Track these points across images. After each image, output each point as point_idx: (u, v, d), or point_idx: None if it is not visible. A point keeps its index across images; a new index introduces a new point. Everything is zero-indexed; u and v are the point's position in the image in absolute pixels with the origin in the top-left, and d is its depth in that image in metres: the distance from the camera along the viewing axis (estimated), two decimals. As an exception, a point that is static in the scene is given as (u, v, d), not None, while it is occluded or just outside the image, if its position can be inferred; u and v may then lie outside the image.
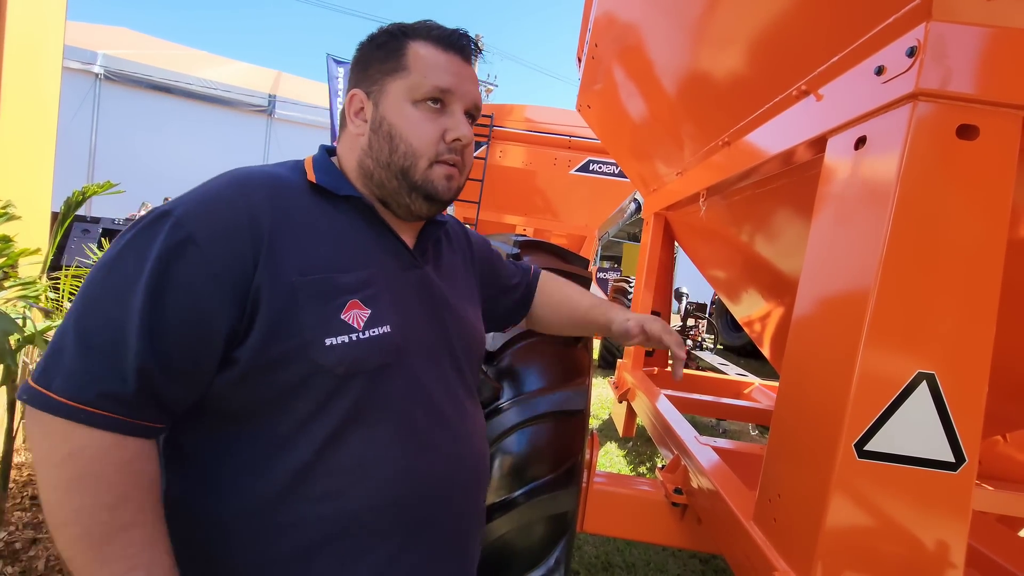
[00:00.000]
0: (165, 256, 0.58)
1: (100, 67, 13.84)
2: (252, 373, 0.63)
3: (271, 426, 0.65)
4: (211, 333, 0.61)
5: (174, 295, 0.59)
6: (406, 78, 0.72)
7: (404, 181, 0.73)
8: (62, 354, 0.57)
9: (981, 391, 0.79)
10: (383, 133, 0.73)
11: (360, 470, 0.67)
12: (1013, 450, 1.91)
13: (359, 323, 0.67)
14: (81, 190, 2.35)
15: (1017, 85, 0.75)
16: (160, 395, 0.60)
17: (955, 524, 0.81)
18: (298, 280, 0.64)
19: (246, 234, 0.62)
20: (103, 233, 6.59)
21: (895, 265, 0.79)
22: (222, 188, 0.65)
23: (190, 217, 0.61)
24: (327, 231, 0.70)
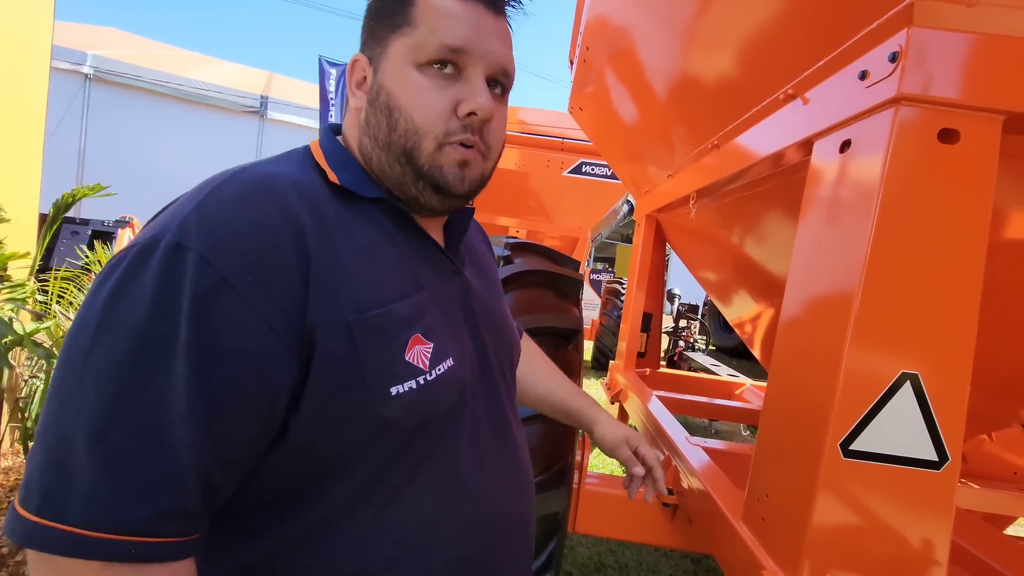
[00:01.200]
0: (200, 309, 0.43)
1: (89, 68, 13.73)
2: (307, 440, 0.50)
3: (325, 496, 0.53)
4: (273, 400, 0.48)
5: (224, 362, 0.44)
6: (410, 35, 0.57)
7: (409, 167, 0.58)
8: (69, 468, 0.40)
9: (963, 391, 0.81)
10: (380, 105, 0.58)
11: (425, 527, 0.57)
12: (998, 449, 1.94)
13: (424, 362, 0.55)
14: (71, 192, 2.33)
15: (996, 90, 0.77)
16: (212, 494, 0.47)
17: (939, 522, 0.82)
18: (355, 318, 0.50)
19: (290, 253, 0.48)
20: (93, 235, 6.53)
21: (879, 267, 0.80)
22: (242, 198, 0.49)
23: (216, 248, 0.45)
24: (366, 246, 0.56)
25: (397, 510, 0.55)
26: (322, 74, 11.08)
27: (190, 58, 16.56)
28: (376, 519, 0.54)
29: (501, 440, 0.68)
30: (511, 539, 0.68)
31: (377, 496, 0.54)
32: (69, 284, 2.73)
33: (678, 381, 3.13)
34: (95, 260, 2.96)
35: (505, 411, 0.70)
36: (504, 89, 0.63)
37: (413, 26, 0.57)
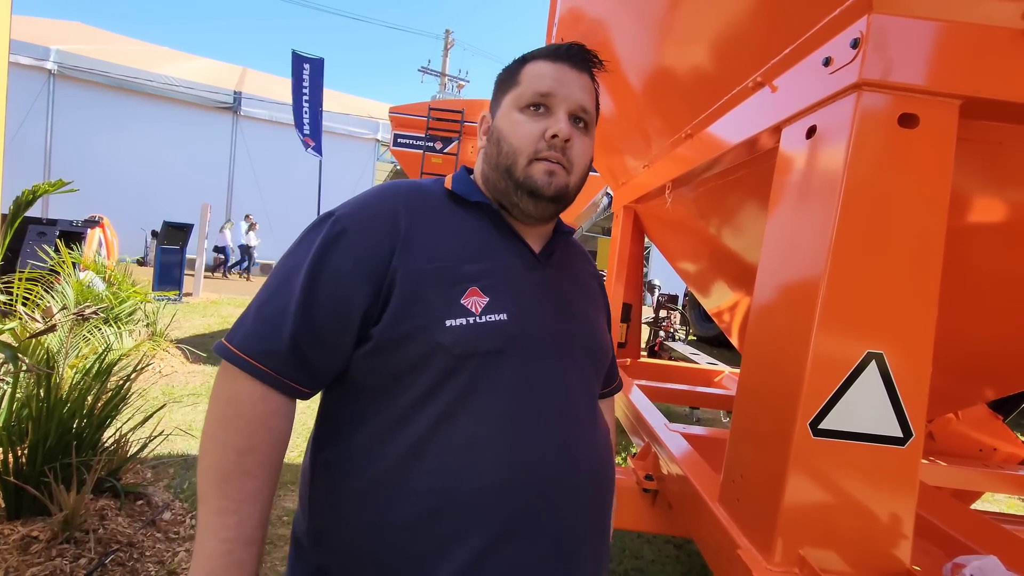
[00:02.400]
0: (324, 246, 0.72)
1: (53, 63, 13.30)
2: (382, 348, 0.71)
3: (395, 399, 0.72)
4: (352, 309, 0.71)
5: (325, 277, 0.71)
6: (516, 91, 0.80)
7: (510, 180, 0.79)
8: (245, 318, 0.72)
9: (926, 368, 0.83)
10: (494, 139, 0.82)
11: (467, 450, 0.70)
12: (965, 427, 2.01)
13: (477, 308, 0.72)
14: (31, 189, 2.25)
15: (953, 75, 0.79)
16: (306, 359, 0.70)
17: (904, 497, 0.85)
18: (426, 267, 0.72)
19: (386, 227, 0.73)
20: (61, 235, 6.34)
21: (844, 250, 0.82)
22: (374, 193, 0.79)
23: (347, 215, 0.74)
24: (457, 230, 0.78)
25: (447, 429, 0.70)
26: (296, 69, 10.89)
27: (160, 53, 16.15)
28: (429, 433, 0.70)
29: (557, 410, 0.76)
30: (556, 502, 0.73)
31: (432, 412, 0.70)
32: (35, 285, 2.65)
33: (659, 370, 3.17)
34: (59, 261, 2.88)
35: (569, 385, 0.79)
36: (586, 124, 0.82)
37: (518, 85, 0.80)
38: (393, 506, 0.70)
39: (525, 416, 0.73)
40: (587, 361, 0.84)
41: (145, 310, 5.21)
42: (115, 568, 1.90)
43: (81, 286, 3.38)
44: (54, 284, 2.99)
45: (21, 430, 2.09)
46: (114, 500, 2.23)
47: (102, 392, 2.30)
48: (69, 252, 3.28)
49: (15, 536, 1.89)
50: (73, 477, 1.96)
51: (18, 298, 2.47)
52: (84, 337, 3.18)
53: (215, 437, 0.68)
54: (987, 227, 1.08)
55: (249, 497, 0.68)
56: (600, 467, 0.81)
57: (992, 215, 1.06)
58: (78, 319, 2.53)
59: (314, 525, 0.76)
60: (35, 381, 2.11)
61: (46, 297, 2.80)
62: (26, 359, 2.18)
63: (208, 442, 0.69)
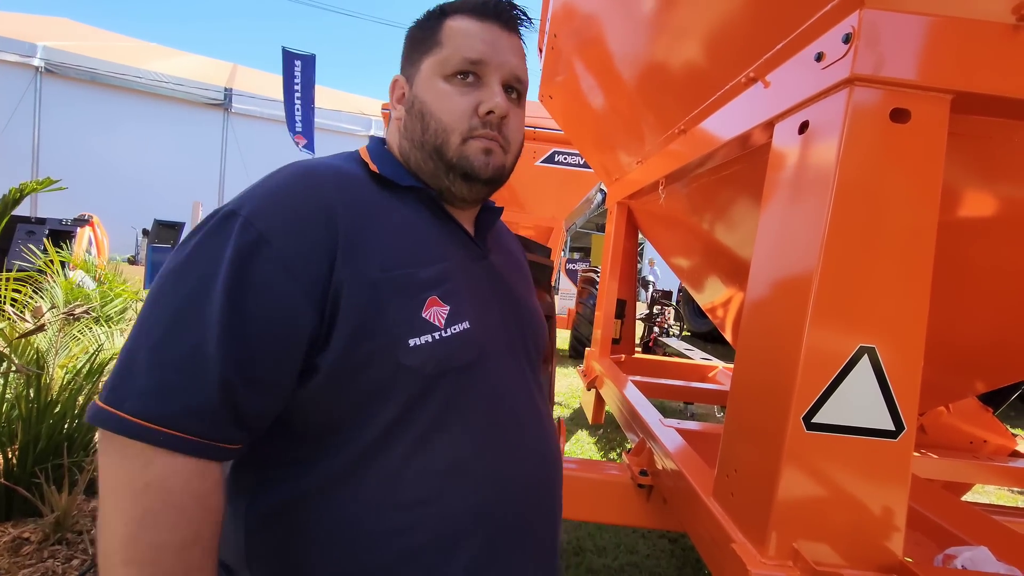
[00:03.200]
0: (239, 257, 0.55)
1: (40, 60, 13.12)
2: (335, 379, 0.59)
3: (357, 432, 0.61)
4: (294, 335, 0.57)
5: (253, 298, 0.55)
6: (438, 54, 0.69)
7: (440, 161, 0.70)
8: (133, 371, 0.53)
9: (918, 362, 0.84)
10: (415, 112, 0.71)
11: (450, 474, 0.64)
12: (956, 420, 2.03)
13: (440, 320, 0.63)
14: (19, 188, 2.23)
15: (944, 69, 0.79)
16: (241, 410, 0.56)
17: (897, 489, 0.85)
18: (380, 276, 0.61)
19: (321, 228, 0.59)
20: (49, 234, 6.28)
21: (836, 244, 0.82)
22: (287, 182, 0.62)
23: (259, 214, 0.58)
24: (399, 224, 0.67)
25: (424, 456, 0.63)
26: (287, 66, 10.82)
27: (149, 49, 15.98)
28: (404, 463, 0.62)
29: (527, 409, 0.74)
30: (535, 499, 0.72)
31: (405, 441, 0.62)
32: (24, 286, 2.63)
33: (653, 366, 3.18)
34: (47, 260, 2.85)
35: (528, 384, 0.76)
36: (519, 94, 0.74)
37: (440, 46, 0.69)
38: (370, 550, 0.61)
39: (502, 426, 0.69)
40: (535, 354, 0.82)
41: (136, 309, 5.18)
42: (108, 569, 1.89)
43: (71, 285, 3.35)
44: (43, 283, 2.96)
45: (11, 431, 2.07)
46: (107, 501, 2.21)
47: (94, 392, 2.28)
48: (58, 251, 3.24)
49: (6, 538, 1.88)
50: (65, 478, 1.94)
51: (6, 298, 2.44)
52: (74, 336, 3.15)
53: (138, 540, 0.51)
54: (978, 221, 1.08)
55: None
56: (557, 459, 0.80)
57: (983, 209, 1.07)
58: (68, 318, 2.51)
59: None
60: (25, 382, 2.09)
61: (35, 297, 2.76)
62: (15, 359, 2.16)
63: (130, 549, 0.51)
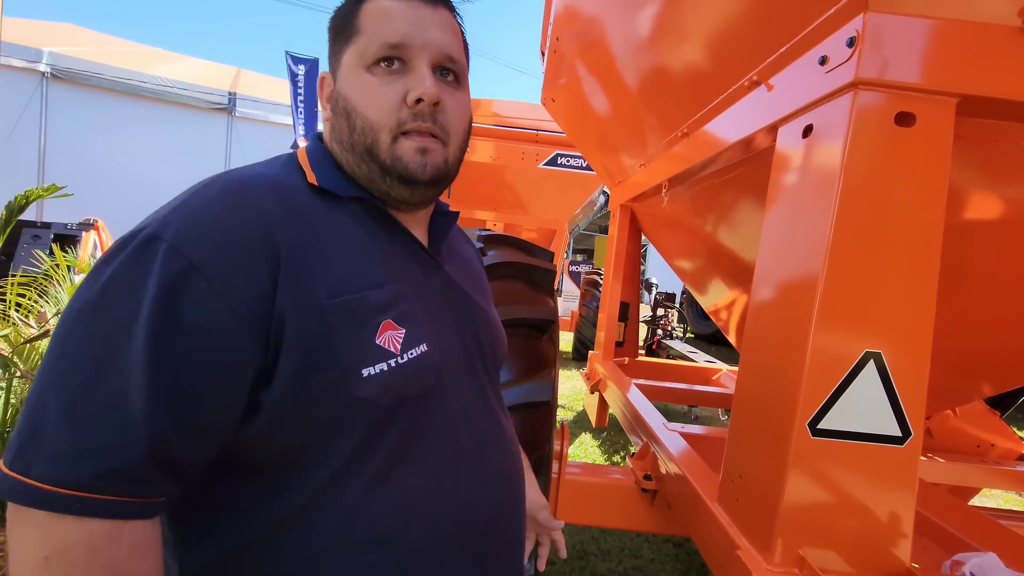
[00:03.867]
0: (165, 292, 0.48)
1: (46, 65, 13.21)
2: (281, 417, 0.54)
3: (311, 473, 0.56)
4: (235, 375, 0.51)
5: (185, 338, 0.48)
6: (358, 42, 0.62)
7: (373, 163, 0.62)
8: (41, 430, 0.46)
9: (924, 367, 0.83)
10: (340, 111, 0.63)
11: (414, 506, 0.60)
12: (962, 424, 2.01)
13: (396, 346, 0.58)
14: (24, 194, 2.24)
15: (949, 73, 0.79)
16: (175, 462, 0.49)
17: (903, 495, 0.85)
18: (327, 303, 0.54)
19: (259, 252, 0.52)
20: (55, 239, 6.31)
21: (841, 249, 0.82)
22: (218, 199, 0.54)
23: (187, 240, 0.50)
24: (345, 240, 0.60)
25: (385, 490, 0.58)
26: (291, 70, 10.89)
27: (153, 54, 16.07)
28: (363, 499, 0.57)
29: (488, 426, 0.71)
30: (502, 520, 0.70)
31: (363, 476, 0.57)
32: (28, 290, 2.64)
33: (656, 369, 3.17)
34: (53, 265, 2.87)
35: (489, 400, 0.73)
36: (456, 76, 0.65)
37: (359, 34, 0.62)
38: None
39: (465, 449, 0.65)
40: (494, 367, 0.78)
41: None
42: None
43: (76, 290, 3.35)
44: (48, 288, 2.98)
45: (16, 436, 2.07)
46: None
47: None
48: (64, 255, 3.26)
49: (11, 542, 1.88)
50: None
51: (11, 303, 2.45)
52: (79, 341, 3.14)
53: None
54: (984, 225, 1.08)
55: None
56: (521, 473, 0.77)
57: (989, 213, 1.06)
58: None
59: None
60: (29, 387, 2.10)
61: (40, 301, 2.78)
62: (20, 365, 2.16)
63: None
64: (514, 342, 1.33)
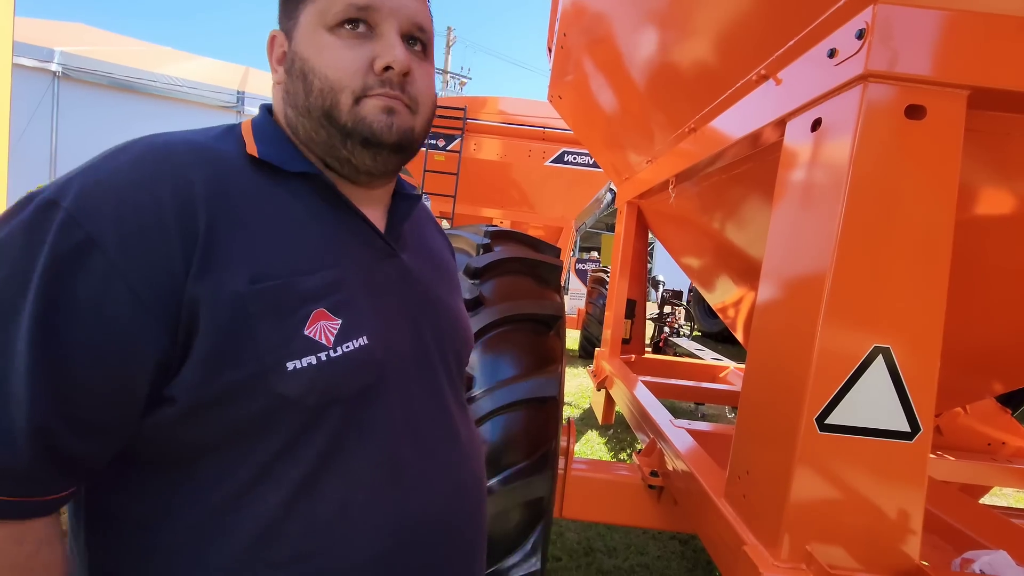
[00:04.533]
0: (58, 266, 0.42)
1: (58, 65, 13.31)
2: (193, 412, 0.49)
3: (225, 478, 0.51)
4: (135, 366, 0.46)
5: (78, 323, 0.43)
6: (318, 1, 0.56)
7: (332, 127, 0.56)
8: None
9: (934, 363, 0.82)
10: (296, 72, 0.57)
11: (341, 522, 0.54)
12: (973, 421, 1.99)
13: (327, 338, 0.52)
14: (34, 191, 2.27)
15: (960, 65, 0.78)
16: (66, 458, 0.45)
17: (913, 491, 0.84)
18: (248, 290, 0.49)
19: (172, 229, 0.47)
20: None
21: (850, 243, 0.81)
22: (132, 165, 0.48)
23: (88, 210, 0.44)
24: (278, 220, 0.54)
25: (308, 500, 0.53)
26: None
27: (163, 53, 16.14)
28: (283, 509, 0.52)
29: (439, 433, 0.64)
30: (444, 540, 0.62)
31: (284, 484, 0.52)
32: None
33: (663, 366, 3.16)
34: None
35: (446, 402, 0.66)
36: (424, 46, 0.61)
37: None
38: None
39: (406, 460, 0.59)
40: (456, 366, 0.71)
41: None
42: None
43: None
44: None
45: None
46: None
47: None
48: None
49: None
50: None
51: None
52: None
53: None
54: (996, 219, 1.06)
55: None
56: (478, 482, 0.70)
57: (1001, 207, 1.05)
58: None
59: None
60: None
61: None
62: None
63: None
64: (520, 337, 1.33)
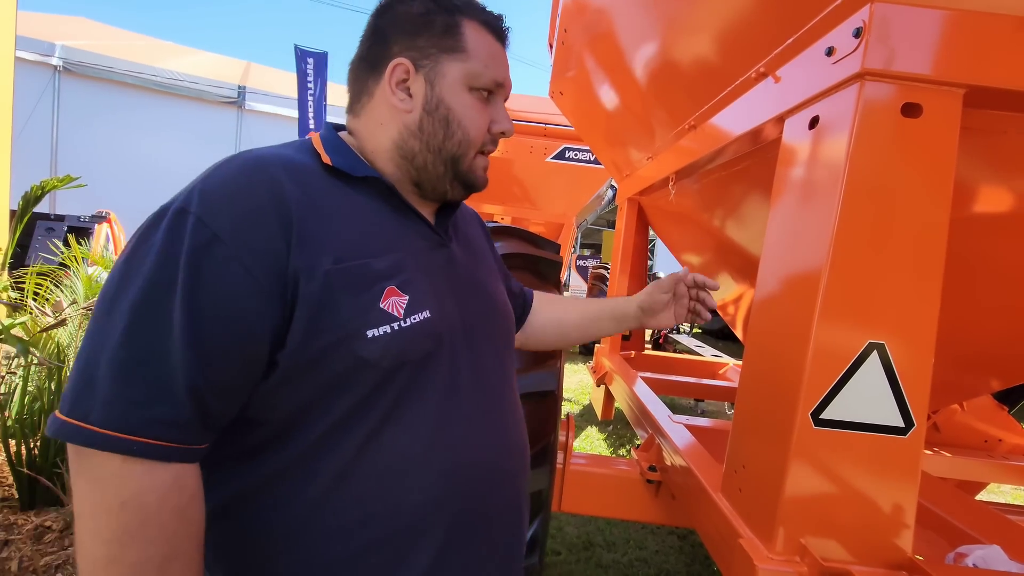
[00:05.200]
0: (194, 260, 0.54)
1: (59, 59, 13.33)
2: (292, 374, 0.59)
3: (310, 427, 0.61)
4: (256, 335, 0.57)
5: (212, 300, 0.54)
6: (465, 62, 0.69)
7: (451, 168, 0.71)
8: (94, 381, 0.52)
9: (928, 359, 0.83)
10: (439, 116, 0.70)
11: (403, 468, 0.63)
12: (969, 418, 2.00)
13: (399, 311, 0.63)
14: (40, 185, 2.28)
15: (956, 63, 0.78)
16: (208, 412, 0.55)
17: (906, 486, 0.85)
18: (334, 268, 0.59)
19: (272, 218, 0.58)
20: (69, 230, 6.39)
21: (846, 240, 0.82)
22: (237, 174, 0.60)
23: (211, 212, 0.56)
24: (351, 214, 0.65)
25: (377, 449, 0.62)
26: (299, 63, 10.90)
27: (164, 48, 16.15)
28: (356, 456, 0.61)
29: (489, 399, 0.73)
30: (496, 491, 0.72)
31: (358, 434, 0.61)
32: (45, 280, 2.68)
33: (663, 363, 3.17)
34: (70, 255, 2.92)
35: (489, 373, 0.75)
36: None
37: (466, 54, 0.70)
38: (323, 547, 0.61)
39: (459, 418, 0.68)
40: (500, 343, 0.80)
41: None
42: (127, 558, 1.93)
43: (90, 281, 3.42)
44: (63, 279, 3.03)
45: (33, 423, 2.13)
46: (125, 491, 2.25)
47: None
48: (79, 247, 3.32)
49: (29, 526, 1.93)
50: (84, 468, 1.98)
51: (29, 293, 2.50)
52: (93, 331, 3.19)
53: (118, 561, 0.51)
54: (992, 217, 1.07)
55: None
56: (523, 448, 0.80)
57: (996, 205, 1.06)
58: (88, 313, 2.56)
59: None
60: (46, 374, 2.14)
61: (55, 292, 2.83)
62: (37, 352, 2.21)
63: (106, 570, 0.51)
64: (520, 333, 1.34)
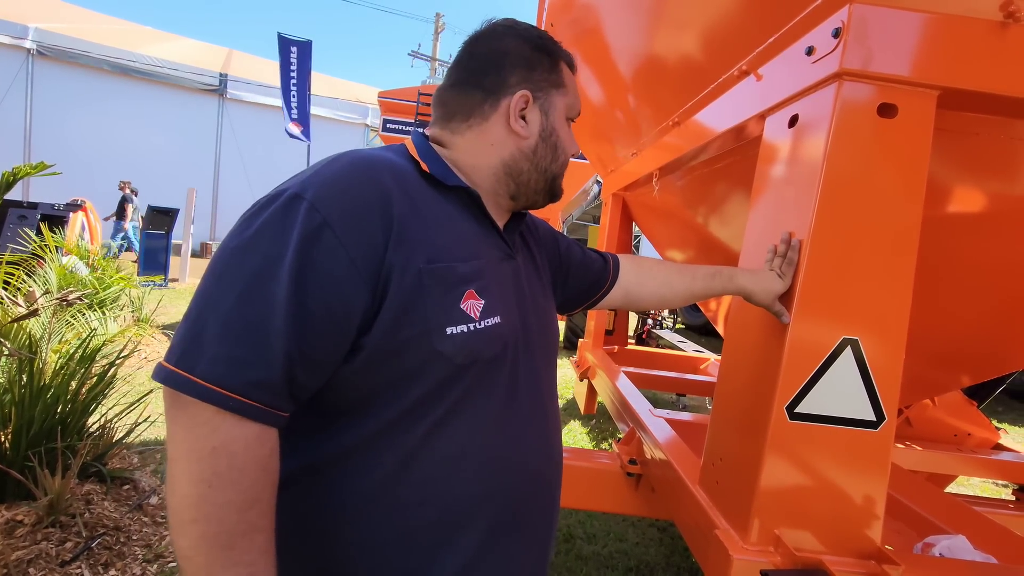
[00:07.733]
0: (304, 241, 0.59)
1: (32, 42, 12.94)
2: (374, 360, 0.63)
3: (382, 411, 0.65)
4: (350, 317, 0.62)
5: (316, 282, 0.59)
6: (565, 96, 0.80)
7: (550, 185, 0.81)
8: (202, 338, 0.56)
9: (899, 354, 0.85)
10: (551, 143, 0.79)
11: (460, 458, 0.68)
12: (941, 413, 2.06)
13: (476, 313, 0.68)
14: (12, 171, 2.21)
15: (931, 65, 0.80)
16: (298, 384, 0.60)
17: (877, 478, 0.87)
18: (425, 267, 0.65)
19: (377, 216, 0.63)
20: (42, 219, 6.22)
21: (822, 237, 0.84)
22: (349, 170, 0.65)
23: (324, 201, 0.61)
24: (442, 220, 0.71)
25: (439, 438, 0.67)
26: (283, 52, 10.71)
27: (143, 33, 15.76)
28: (421, 442, 0.66)
29: (539, 407, 0.79)
30: (536, 496, 0.77)
31: (424, 422, 0.66)
32: (17, 269, 2.62)
33: (645, 357, 3.20)
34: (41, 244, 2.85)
35: (539, 382, 0.80)
36: None
37: (565, 88, 0.80)
38: (381, 522, 0.66)
39: (512, 420, 0.74)
40: (549, 356, 0.86)
41: (130, 295, 5.16)
42: (102, 552, 1.91)
43: (64, 270, 3.35)
44: (36, 268, 2.95)
45: (4, 415, 2.08)
46: (100, 485, 2.22)
47: (87, 377, 2.28)
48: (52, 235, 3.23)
49: (0, 520, 1.89)
50: (58, 462, 1.95)
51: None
52: (68, 322, 3.14)
53: (206, 500, 0.55)
54: (963, 216, 1.10)
55: (260, 553, 0.59)
56: (562, 460, 0.86)
57: (968, 204, 1.08)
58: (61, 304, 2.50)
59: (288, 544, 0.67)
60: (17, 366, 2.10)
61: (28, 281, 2.76)
62: (8, 343, 2.15)
63: (195, 509, 0.55)
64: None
